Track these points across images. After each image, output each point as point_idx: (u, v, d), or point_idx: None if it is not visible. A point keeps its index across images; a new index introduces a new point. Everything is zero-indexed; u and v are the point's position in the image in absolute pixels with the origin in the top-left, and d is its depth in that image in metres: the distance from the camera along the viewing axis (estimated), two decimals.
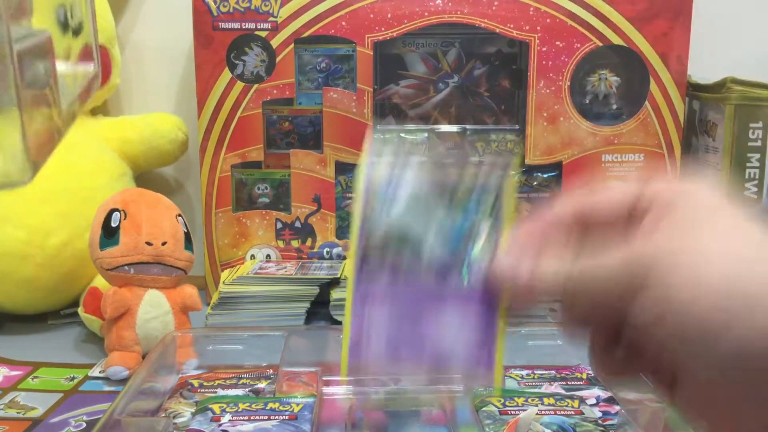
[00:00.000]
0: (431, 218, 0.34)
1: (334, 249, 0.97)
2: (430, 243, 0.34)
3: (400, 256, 0.34)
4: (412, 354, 0.35)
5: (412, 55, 0.99)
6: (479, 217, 0.35)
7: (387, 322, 0.34)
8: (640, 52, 0.92)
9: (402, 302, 0.34)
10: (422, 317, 0.34)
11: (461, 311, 0.35)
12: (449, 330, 0.34)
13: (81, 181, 0.88)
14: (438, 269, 0.34)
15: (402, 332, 0.34)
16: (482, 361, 0.35)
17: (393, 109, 1.00)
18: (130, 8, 1.05)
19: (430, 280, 0.34)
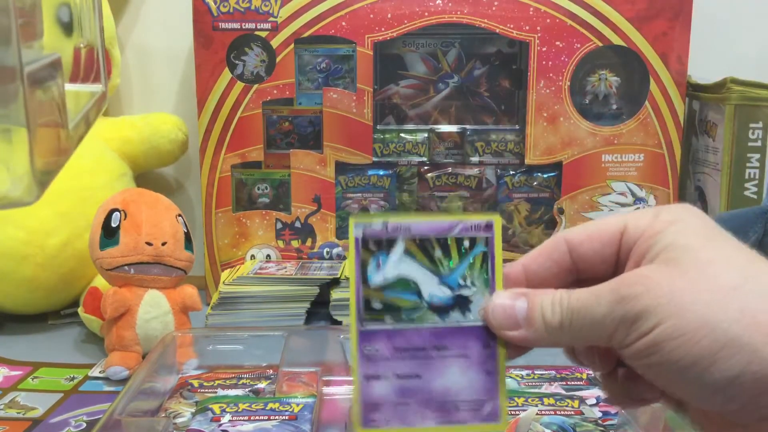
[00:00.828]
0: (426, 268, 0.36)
1: (334, 249, 0.97)
2: (427, 289, 0.36)
3: (399, 299, 0.36)
4: (420, 405, 0.36)
5: (412, 55, 0.99)
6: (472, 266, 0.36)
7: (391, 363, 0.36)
8: (639, 52, 0.92)
9: (403, 341, 0.36)
10: (427, 365, 0.36)
11: (464, 356, 0.36)
12: (450, 365, 0.36)
13: (81, 181, 0.88)
14: (438, 313, 0.36)
15: (405, 371, 0.36)
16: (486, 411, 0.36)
17: (393, 109, 1.00)
18: (130, 9, 1.05)
19: (430, 322, 0.36)
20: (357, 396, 0.36)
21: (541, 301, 0.34)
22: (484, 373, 0.36)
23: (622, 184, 0.95)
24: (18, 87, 0.28)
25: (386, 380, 0.36)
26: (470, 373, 0.36)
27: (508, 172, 0.98)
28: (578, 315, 0.33)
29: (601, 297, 0.32)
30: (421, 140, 0.97)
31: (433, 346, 0.36)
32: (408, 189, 0.99)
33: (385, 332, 0.36)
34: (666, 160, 0.95)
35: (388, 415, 0.36)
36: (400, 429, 0.36)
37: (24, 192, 0.30)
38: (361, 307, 0.36)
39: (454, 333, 0.36)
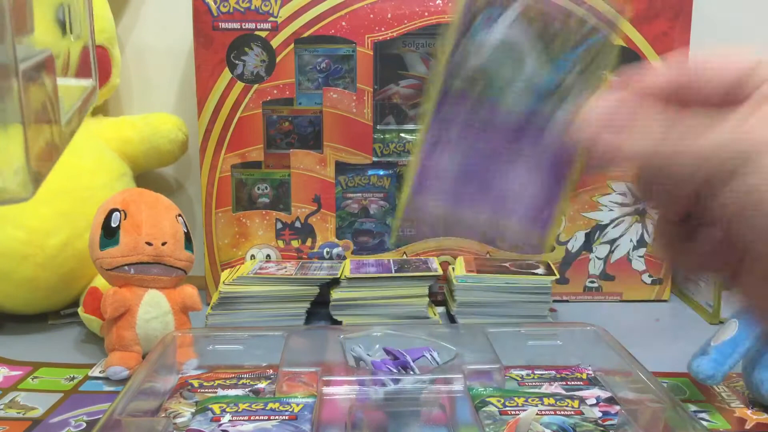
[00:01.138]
0: (522, 66, 0.32)
1: (334, 249, 0.97)
2: (515, 91, 0.32)
3: (488, 87, 0.32)
4: (474, 193, 0.33)
5: (412, 55, 0.99)
6: (570, 76, 0.32)
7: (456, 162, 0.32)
8: (640, 52, 0.92)
9: (475, 144, 0.32)
10: (492, 165, 0.33)
11: (531, 168, 0.33)
12: (515, 183, 0.33)
13: (81, 181, 0.88)
14: (518, 120, 0.32)
15: (469, 174, 0.33)
16: (538, 224, 0.33)
17: (393, 109, 1.00)
18: (130, 8, 1.05)
19: (507, 130, 0.32)
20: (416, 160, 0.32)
21: (651, 110, 0.30)
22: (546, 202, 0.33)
23: (622, 184, 0.95)
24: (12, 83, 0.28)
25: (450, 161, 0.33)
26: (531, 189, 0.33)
27: None
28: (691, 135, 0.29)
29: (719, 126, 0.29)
30: None
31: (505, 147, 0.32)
32: None
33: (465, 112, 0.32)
34: None
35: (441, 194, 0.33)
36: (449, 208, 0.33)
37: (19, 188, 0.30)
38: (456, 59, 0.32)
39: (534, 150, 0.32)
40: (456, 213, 0.33)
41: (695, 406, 0.69)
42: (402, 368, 0.68)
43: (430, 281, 0.88)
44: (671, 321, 0.93)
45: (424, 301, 0.87)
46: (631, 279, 0.99)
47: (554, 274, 0.88)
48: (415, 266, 0.90)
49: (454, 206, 0.33)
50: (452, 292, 0.88)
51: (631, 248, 0.98)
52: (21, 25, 0.30)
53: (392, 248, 0.91)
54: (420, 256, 0.97)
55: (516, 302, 0.86)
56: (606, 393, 0.65)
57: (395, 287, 0.87)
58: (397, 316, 0.87)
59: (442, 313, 0.91)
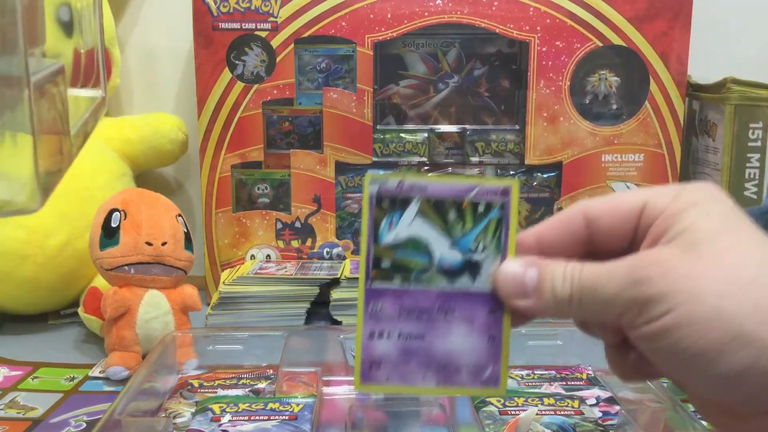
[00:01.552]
0: (439, 228, 0.36)
1: (334, 249, 0.97)
2: (438, 248, 0.36)
3: (409, 258, 0.36)
4: (420, 353, 0.36)
5: (412, 55, 0.99)
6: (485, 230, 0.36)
7: (397, 323, 0.36)
8: (640, 52, 0.92)
9: (412, 307, 0.36)
10: (430, 316, 0.36)
11: (469, 319, 0.36)
12: (457, 340, 0.36)
13: (81, 181, 0.88)
14: (447, 272, 0.36)
15: (410, 331, 0.36)
16: (487, 376, 0.36)
17: (393, 109, 1.00)
18: (130, 8, 1.05)
19: (439, 285, 0.36)
20: (359, 352, 0.36)
21: (552, 272, 0.33)
22: (487, 339, 0.36)
23: (622, 184, 0.95)
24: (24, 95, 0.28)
25: (389, 339, 0.36)
26: (474, 337, 0.36)
27: (508, 172, 0.98)
28: (589, 291, 0.32)
29: (614, 275, 0.31)
30: (421, 140, 0.97)
31: (439, 308, 0.36)
32: None
33: (392, 291, 0.36)
34: (666, 160, 0.95)
35: (388, 372, 0.36)
36: (400, 386, 0.36)
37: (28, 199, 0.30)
38: (370, 264, 0.36)
39: (462, 297, 0.36)
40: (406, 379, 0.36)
41: None
42: None
43: None
44: None
45: None
46: None
47: None
48: None
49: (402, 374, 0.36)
50: None
51: None
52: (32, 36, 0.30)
53: None
54: None
55: None
56: (606, 393, 0.65)
57: None
58: None
59: None
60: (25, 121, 0.29)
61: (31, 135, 0.29)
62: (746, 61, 1.02)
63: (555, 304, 0.33)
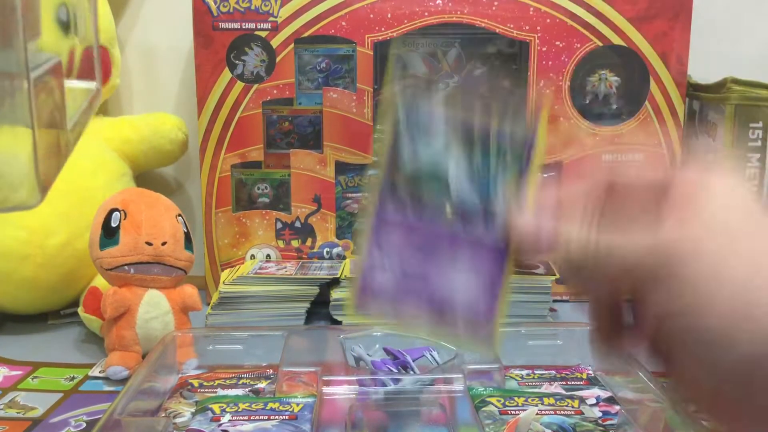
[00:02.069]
0: (461, 164, 0.35)
1: (334, 249, 0.97)
2: (457, 185, 0.34)
3: (426, 191, 0.34)
4: (419, 292, 0.35)
5: (412, 55, 0.99)
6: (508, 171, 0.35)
7: (400, 257, 0.35)
8: (640, 52, 0.92)
9: (419, 239, 0.35)
10: (435, 258, 0.35)
11: (474, 259, 0.35)
12: (458, 276, 0.35)
13: (81, 181, 0.88)
14: (460, 212, 0.35)
15: (413, 269, 0.35)
16: (482, 316, 0.35)
17: None
18: (131, 8, 1.05)
19: (450, 222, 0.35)
20: (358, 280, 0.35)
21: (569, 231, 0.32)
22: (487, 294, 0.35)
23: None
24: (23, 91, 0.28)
25: (391, 268, 0.35)
26: (476, 288, 0.35)
27: None
28: (606, 256, 0.31)
29: (637, 245, 0.30)
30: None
31: (447, 252, 0.35)
32: None
33: (403, 223, 0.35)
34: (666, 160, 0.95)
35: (384, 299, 0.35)
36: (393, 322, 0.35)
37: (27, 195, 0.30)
38: (387, 190, 0.34)
39: (471, 243, 0.35)
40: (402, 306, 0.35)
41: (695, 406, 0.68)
42: (402, 368, 0.68)
43: None
44: None
45: None
46: None
47: (554, 273, 0.88)
48: None
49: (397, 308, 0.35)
50: None
51: None
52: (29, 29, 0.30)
53: None
54: None
55: (516, 302, 0.86)
56: (606, 393, 0.65)
57: None
58: None
59: None
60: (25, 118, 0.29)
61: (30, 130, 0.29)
62: (746, 61, 1.02)
63: (566, 263, 0.32)
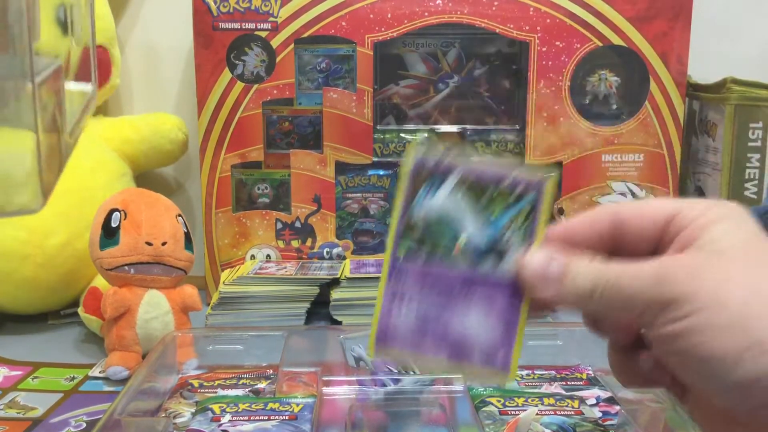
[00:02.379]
0: (470, 212, 0.37)
1: (334, 249, 0.97)
2: (467, 232, 0.36)
3: (437, 239, 0.37)
4: (435, 340, 0.37)
5: (412, 55, 0.99)
6: (515, 220, 0.37)
7: (417, 302, 0.37)
8: (640, 52, 0.92)
9: (433, 285, 0.37)
10: (450, 304, 0.37)
11: (488, 302, 0.37)
12: (474, 321, 0.37)
13: (81, 181, 0.88)
14: (472, 257, 0.37)
15: (430, 315, 0.37)
16: (499, 360, 0.37)
17: (393, 109, 1.00)
18: (130, 8, 1.05)
19: (462, 268, 0.37)
20: (376, 321, 0.37)
21: (576, 264, 0.34)
22: (504, 324, 0.37)
23: (622, 184, 0.95)
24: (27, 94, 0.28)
25: (408, 311, 0.37)
26: (491, 321, 0.37)
27: None
28: (613, 286, 0.33)
29: (641, 273, 0.32)
30: (421, 140, 0.97)
31: (460, 289, 0.37)
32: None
33: (417, 267, 0.37)
34: (666, 160, 0.95)
35: (402, 343, 0.37)
36: (412, 356, 0.37)
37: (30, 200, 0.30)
38: (400, 235, 0.37)
39: (484, 281, 0.37)
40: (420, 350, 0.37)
41: None
42: (402, 368, 0.68)
43: None
44: None
45: None
46: None
47: None
48: None
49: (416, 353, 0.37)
50: None
51: None
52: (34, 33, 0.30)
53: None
54: None
55: None
56: (606, 393, 0.65)
57: None
58: None
59: None
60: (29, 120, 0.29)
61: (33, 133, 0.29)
62: (746, 61, 1.02)
63: (576, 296, 0.34)
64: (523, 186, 0.37)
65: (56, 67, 0.34)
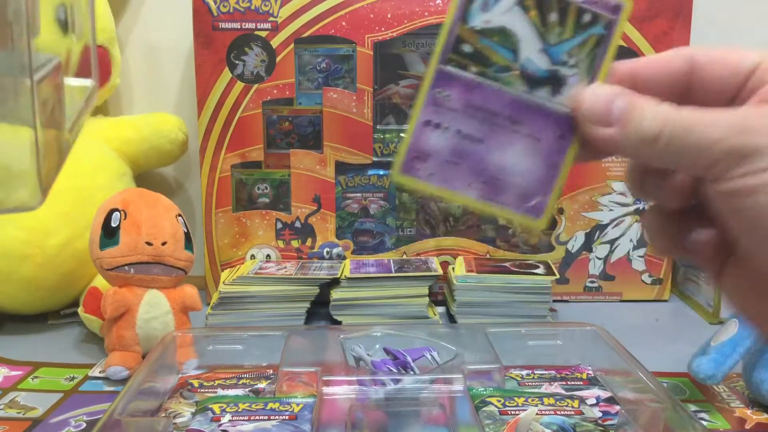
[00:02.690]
0: (534, 28, 0.32)
1: (334, 249, 0.97)
2: (527, 50, 0.32)
3: (494, 49, 0.32)
4: (474, 157, 0.33)
5: (412, 55, 0.99)
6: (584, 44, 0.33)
7: (458, 116, 0.33)
8: (640, 52, 0.92)
9: (480, 98, 0.33)
10: (496, 121, 0.33)
11: (535, 136, 0.33)
12: (518, 144, 0.33)
13: (81, 181, 0.88)
14: (528, 76, 0.33)
15: (471, 131, 0.33)
16: (533, 204, 0.33)
17: (393, 109, 1.00)
18: (130, 8, 1.05)
19: (515, 88, 0.33)
20: (408, 138, 0.33)
21: (643, 104, 0.31)
22: (546, 165, 0.33)
23: (622, 184, 0.95)
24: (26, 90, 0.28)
25: (446, 132, 0.33)
26: (533, 159, 0.33)
27: None
28: (682, 132, 0.29)
29: (720, 120, 0.29)
30: None
31: (508, 115, 0.33)
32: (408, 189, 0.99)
33: (464, 81, 0.32)
34: None
35: (433, 169, 0.33)
36: (440, 189, 0.33)
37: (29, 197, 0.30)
38: (450, 43, 0.32)
39: (535, 111, 0.33)
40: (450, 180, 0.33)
41: (695, 406, 0.69)
42: (402, 368, 0.68)
43: (430, 281, 0.88)
44: (671, 321, 0.93)
45: (424, 301, 0.87)
46: (631, 279, 0.99)
47: (554, 274, 0.88)
48: (415, 266, 0.90)
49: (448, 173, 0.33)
50: (452, 292, 0.88)
51: (631, 248, 0.98)
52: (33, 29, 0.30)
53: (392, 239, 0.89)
54: (420, 255, 0.97)
55: (516, 302, 0.86)
56: (606, 393, 0.65)
57: (395, 287, 0.87)
58: (397, 316, 0.87)
59: (442, 313, 0.91)
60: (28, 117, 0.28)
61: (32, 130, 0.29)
62: None
63: (639, 139, 0.30)
64: (598, 7, 0.32)
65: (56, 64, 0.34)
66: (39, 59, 0.31)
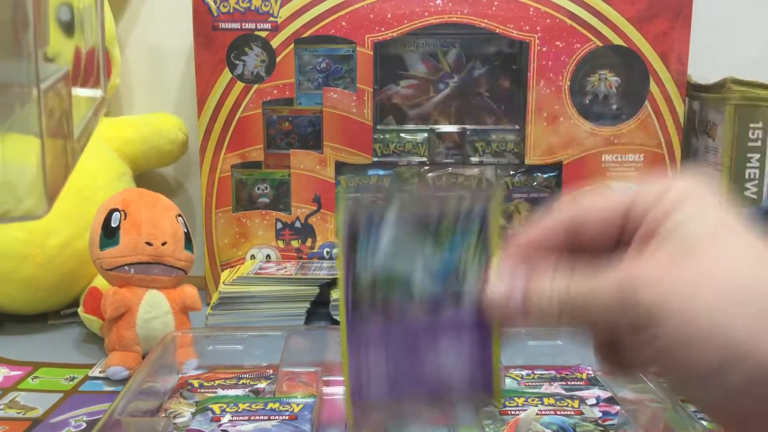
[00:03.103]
0: (417, 257, 0.34)
1: (334, 249, 0.97)
2: (418, 281, 0.34)
3: (390, 297, 0.34)
4: (412, 390, 0.35)
5: (412, 55, 0.99)
6: (466, 249, 0.35)
7: (384, 363, 0.35)
8: (640, 52, 0.92)
9: (397, 341, 0.35)
10: (418, 352, 0.35)
11: (456, 340, 0.35)
12: (446, 360, 0.35)
13: (81, 181, 0.88)
14: (429, 304, 0.35)
15: (400, 370, 0.35)
16: (480, 385, 0.36)
17: (393, 109, 1.00)
18: (130, 8, 1.05)
19: (422, 316, 0.35)
20: (349, 395, 0.35)
21: (537, 292, 0.32)
22: (478, 351, 0.35)
23: (622, 184, 0.95)
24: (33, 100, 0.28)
25: (378, 375, 0.35)
26: (463, 354, 0.35)
27: (508, 173, 0.98)
28: (578, 309, 0.31)
29: (602, 293, 0.30)
30: (421, 140, 0.97)
31: (425, 339, 0.35)
32: (408, 189, 0.99)
33: (378, 330, 0.35)
34: (666, 160, 0.95)
35: (382, 412, 0.35)
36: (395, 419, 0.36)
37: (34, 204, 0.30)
38: (350, 308, 0.34)
39: (448, 325, 0.35)
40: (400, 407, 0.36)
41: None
42: None
43: None
44: None
45: None
46: None
47: None
48: None
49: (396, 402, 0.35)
50: None
51: None
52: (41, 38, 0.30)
53: None
54: None
55: None
56: (606, 393, 0.65)
57: None
58: None
59: None
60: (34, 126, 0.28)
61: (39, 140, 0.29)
62: (746, 61, 1.02)
63: (545, 321, 0.33)
64: (468, 204, 0.34)
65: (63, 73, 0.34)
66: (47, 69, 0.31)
